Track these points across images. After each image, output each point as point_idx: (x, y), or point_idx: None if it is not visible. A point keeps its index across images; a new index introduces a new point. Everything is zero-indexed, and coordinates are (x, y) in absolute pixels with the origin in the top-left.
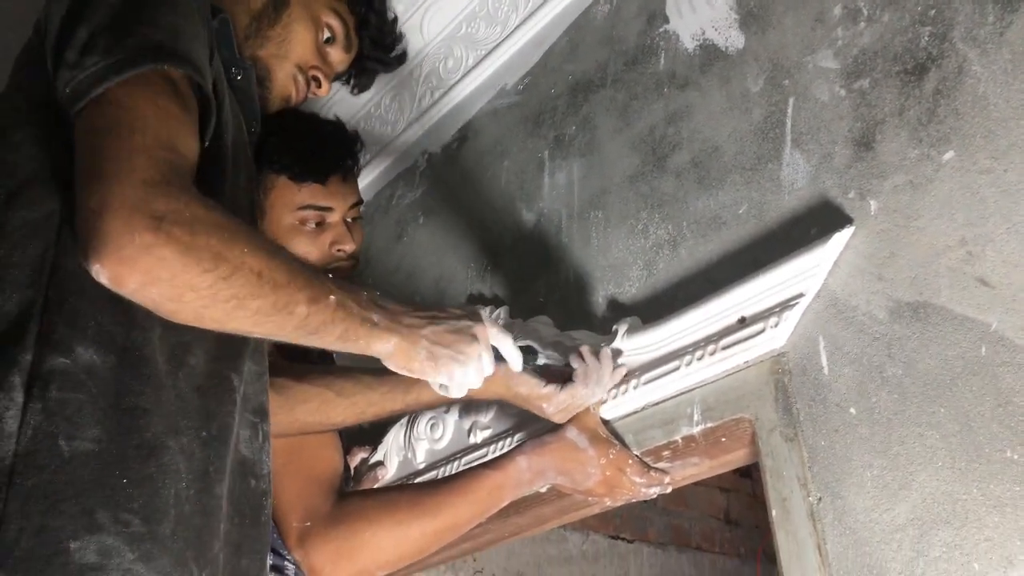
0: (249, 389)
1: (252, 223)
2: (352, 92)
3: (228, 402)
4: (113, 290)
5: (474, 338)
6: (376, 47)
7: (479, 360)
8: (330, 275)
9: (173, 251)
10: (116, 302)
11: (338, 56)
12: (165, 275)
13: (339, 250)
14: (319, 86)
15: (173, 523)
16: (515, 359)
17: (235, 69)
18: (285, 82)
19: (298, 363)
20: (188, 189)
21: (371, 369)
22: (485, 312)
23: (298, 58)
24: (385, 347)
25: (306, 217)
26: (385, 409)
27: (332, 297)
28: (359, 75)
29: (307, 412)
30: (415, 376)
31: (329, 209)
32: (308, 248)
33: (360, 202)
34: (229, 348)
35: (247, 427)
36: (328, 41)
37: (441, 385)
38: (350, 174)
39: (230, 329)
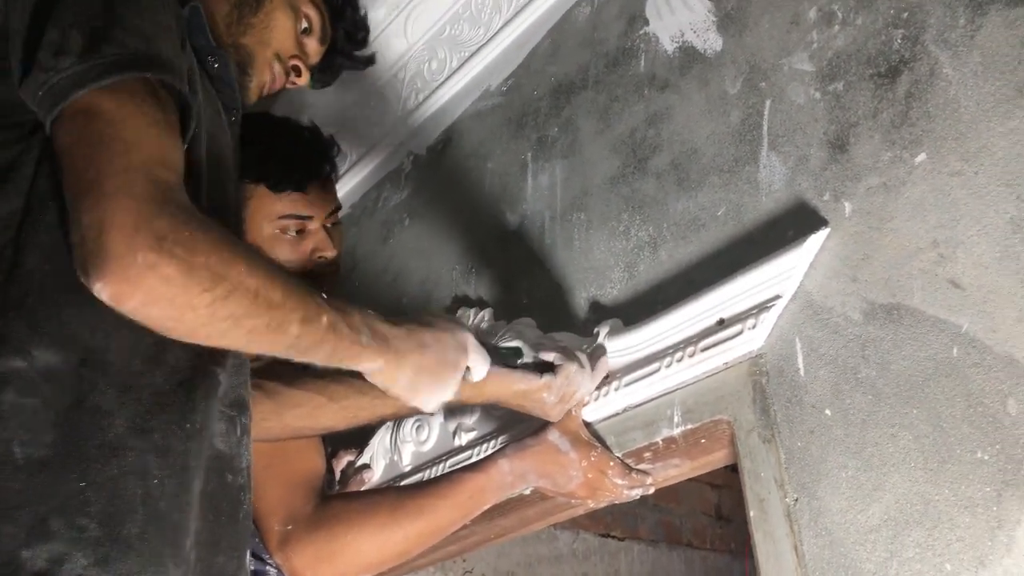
0: (227, 382)
1: (238, 215)
2: (313, 85)
3: (212, 396)
4: (113, 308)
5: (456, 365)
6: (349, 41)
7: (456, 383)
8: (323, 295)
9: (176, 271)
10: (81, 302)
11: (314, 47)
12: (167, 295)
13: (320, 257)
14: (299, 75)
15: (142, 523)
16: (480, 371)
17: (211, 58)
18: (263, 69)
19: (287, 366)
20: (186, 206)
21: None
22: (471, 332)
23: (278, 46)
24: (371, 366)
25: (286, 226)
26: (376, 413)
27: (324, 318)
28: (325, 70)
29: (298, 417)
30: (393, 396)
31: (309, 218)
32: (289, 256)
33: (339, 208)
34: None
35: (223, 421)
36: (305, 31)
37: (414, 405)
38: (328, 181)
39: (223, 345)
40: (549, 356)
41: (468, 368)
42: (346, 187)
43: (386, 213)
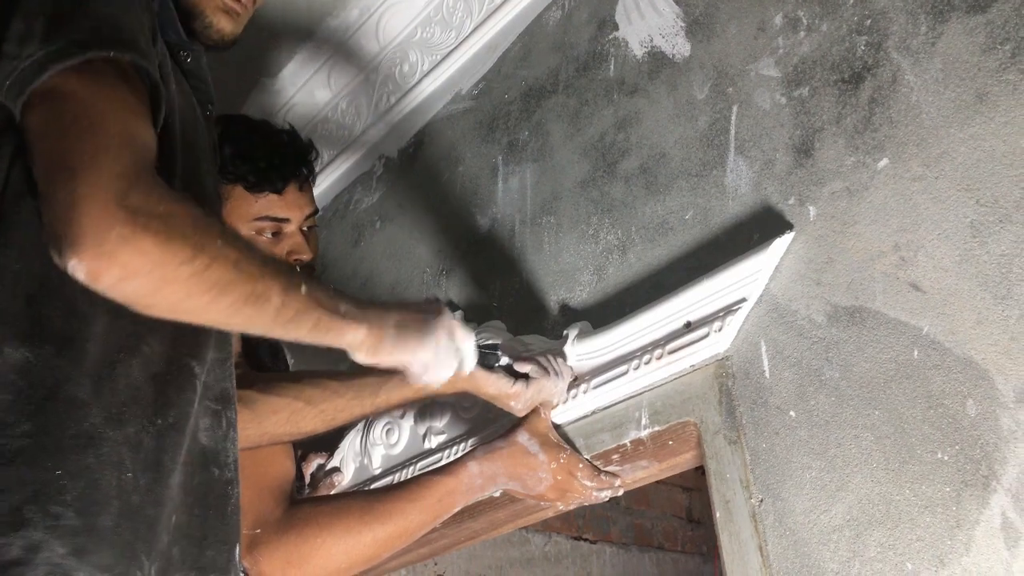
0: (210, 377)
1: (218, 204)
2: None
3: (188, 390)
4: (89, 286)
5: (438, 324)
6: None
7: (447, 342)
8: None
9: (151, 244)
10: (54, 295)
11: None
12: (144, 268)
13: (296, 259)
14: None
15: (116, 515)
16: (470, 361)
17: (183, 52)
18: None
19: (260, 371)
20: (158, 182)
21: (335, 373)
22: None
23: None
24: (356, 336)
25: (263, 227)
26: (354, 414)
27: (304, 288)
28: None
29: (277, 424)
30: (384, 365)
31: (286, 220)
32: None
33: (316, 211)
34: (189, 335)
35: (208, 415)
36: None
37: (414, 374)
38: (305, 183)
39: (205, 321)
40: (525, 368)
41: (461, 359)
42: (317, 190)
43: (357, 216)
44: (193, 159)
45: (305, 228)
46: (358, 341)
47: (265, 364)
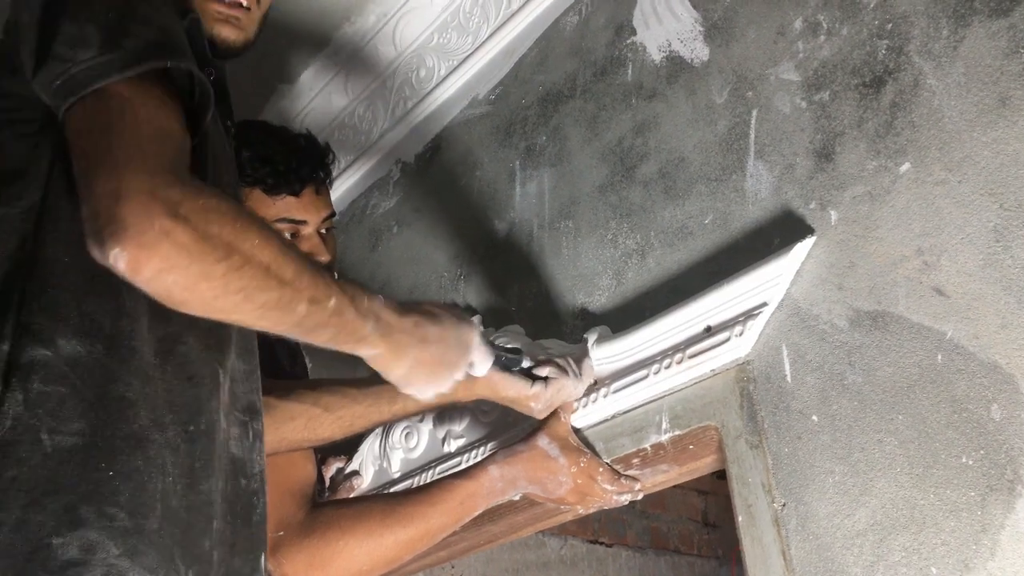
0: (239, 387)
1: None
2: None
3: (215, 397)
4: (128, 278)
5: (455, 365)
6: None
7: (451, 382)
8: (334, 274)
9: (191, 238)
10: (103, 290)
11: None
12: (183, 262)
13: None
14: None
15: (160, 518)
16: (482, 368)
17: (207, 68)
18: (204, 11)
19: (276, 378)
20: (196, 179)
21: (354, 380)
22: (476, 321)
23: None
24: (370, 352)
25: (281, 229)
26: (372, 420)
27: (332, 301)
28: None
29: (294, 430)
30: (390, 380)
31: (303, 222)
32: None
33: (333, 214)
34: (216, 340)
35: (237, 425)
36: None
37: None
38: (323, 186)
39: (233, 320)
40: (544, 372)
41: (471, 363)
42: (334, 194)
43: (374, 221)
44: (218, 171)
45: (323, 231)
46: (371, 355)
47: (284, 367)
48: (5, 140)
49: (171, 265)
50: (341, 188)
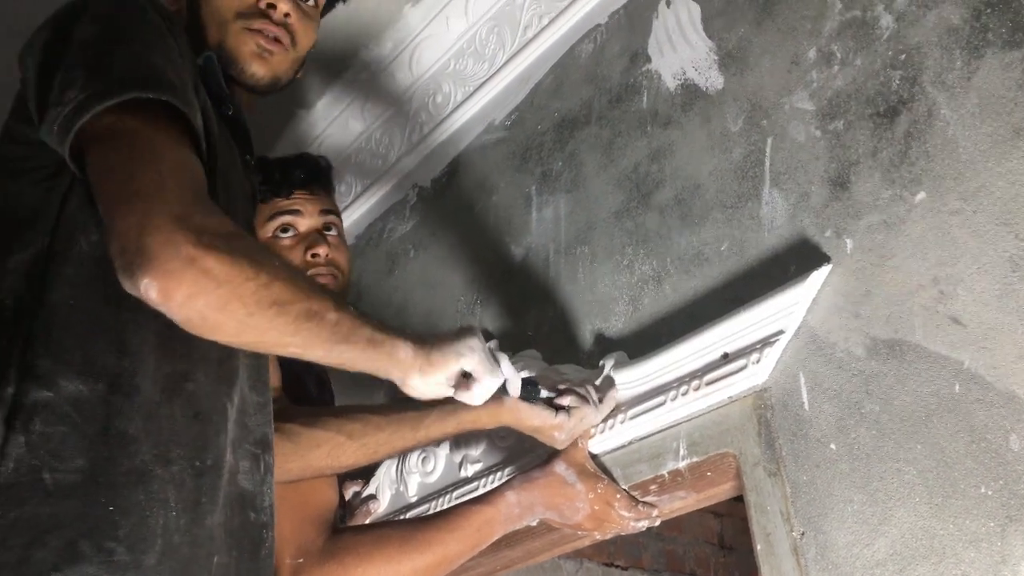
0: (251, 420)
1: None
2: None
3: (223, 432)
4: (160, 308)
5: (474, 337)
6: None
7: (485, 354)
8: None
9: (217, 261)
10: (107, 331)
11: None
12: (211, 286)
13: (314, 255)
14: (275, 8)
15: (159, 553)
16: (515, 385)
17: (224, 105)
18: (237, 43)
19: (304, 404)
20: (216, 207)
21: (377, 407)
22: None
23: (234, 8)
24: (406, 352)
25: (278, 225)
26: (395, 448)
27: (351, 309)
28: None
29: (319, 457)
30: (435, 375)
31: (297, 212)
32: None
33: (333, 212)
34: (225, 375)
35: (247, 458)
36: None
37: (459, 391)
38: (317, 187)
39: (269, 338)
40: (565, 401)
41: (505, 381)
42: (351, 217)
43: (391, 244)
44: (231, 207)
45: (326, 232)
46: (410, 356)
47: (311, 395)
48: (21, 188)
49: (200, 290)
50: (358, 211)
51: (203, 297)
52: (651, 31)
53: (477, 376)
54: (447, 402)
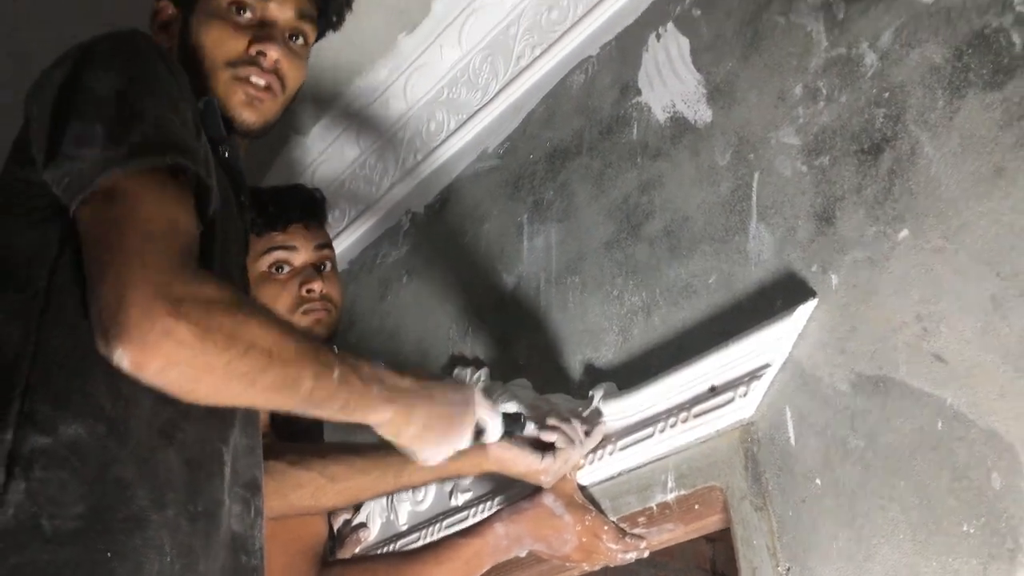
0: (240, 463)
1: (246, 291)
2: (335, 24)
3: (217, 476)
4: (133, 375)
5: (463, 423)
6: None
7: (461, 441)
8: (335, 348)
9: (192, 334)
10: (103, 375)
11: (270, 10)
12: (185, 357)
13: (308, 290)
14: (265, 55)
15: None
16: (495, 433)
17: (222, 147)
18: (228, 92)
19: (290, 442)
20: (199, 271)
21: (362, 449)
22: (478, 388)
23: (224, 57)
24: (381, 417)
25: (272, 261)
26: (377, 491)
27: (336, 372)
28: (306, 16)
29: (301, 498)
30: (401, 445)
31: (292, 248)
32: (279, 292)
33: (328, 246)
34: (219, 421)
35: (238, 502)
36: (241, 10)
37: (423, 460)
38: (312, 222)
39: (240, 403)
40: (550, 438)
41: (481, 430)
42: (344, 243)
43: (384, 270)
44: (225, 247)
45: (320, 265)
46: (382, 421)
47: (300, 429)
48: (18, 228)
49: (174, 361)
50: (352, 237)
51: (176, 368)
52: (641, 64)
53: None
54: None
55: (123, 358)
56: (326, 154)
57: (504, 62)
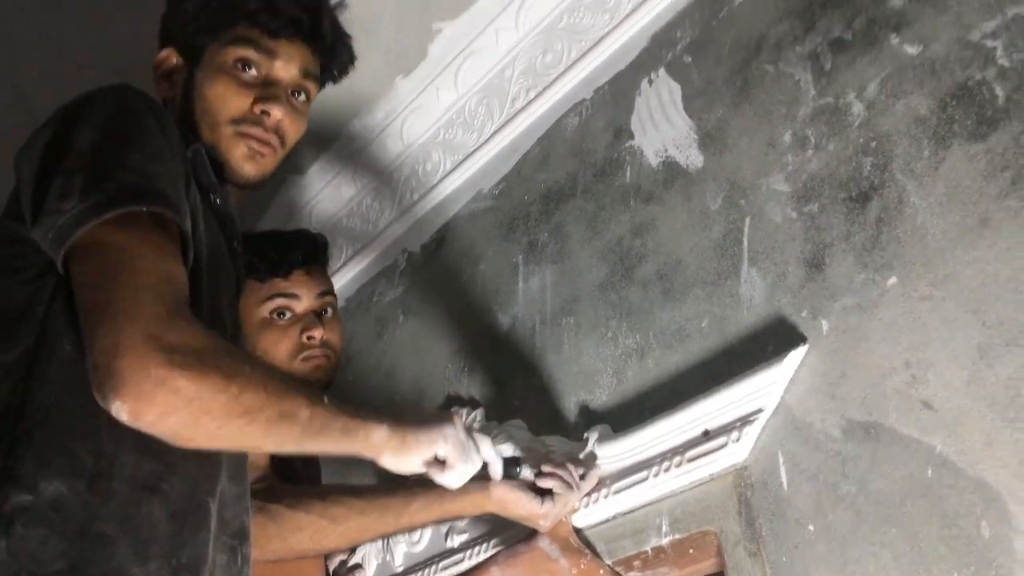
0: (228, 512)
1: (236, 339)
2: (337, 78)
3: (203, 529)
4: (132, 424)
5: (454, 423)
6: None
7: (465, 438)
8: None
9: (187, 381)
10: (85, 431)
11: (275, 69)
12: (181, 403)
13: (309, 337)
14: (268, 114)
15: None
16: (496, 470)
17: (212, 194)
18: (229, 147)
19: (289, 483)
20: (191, 319)
21: (362, 491)
22: (460, 415)
23: (228, 114)
24: (380, 435)
25: (274, 307)
26: (378, 533)
27: (325, 398)
28: (310, 75)
29: (301, 541)
30: (408, 458)
31: (294, 296)
32: (279, 338)
33: (330, 293)
34: (206, 473)
35: (224, 551)
36: (247, 67)
37: (433, 472)
38: (315, 268)
39: (242, 444)
40: (548, 484)
41: (486, 463)
42: (341, 281)
43: (381, 309)
44: (216, 294)
45: (321, 311)
46: (384, 440)
47: (298, 472)
48: (10, 286)
49: (171, 409)
50: (348, 275)
51: (174, 416)
52: (634, 108)
53: (451, 463)
54: (432, 489)
55: (121, 410)
56: (323, 193)
57: (499, 104)
